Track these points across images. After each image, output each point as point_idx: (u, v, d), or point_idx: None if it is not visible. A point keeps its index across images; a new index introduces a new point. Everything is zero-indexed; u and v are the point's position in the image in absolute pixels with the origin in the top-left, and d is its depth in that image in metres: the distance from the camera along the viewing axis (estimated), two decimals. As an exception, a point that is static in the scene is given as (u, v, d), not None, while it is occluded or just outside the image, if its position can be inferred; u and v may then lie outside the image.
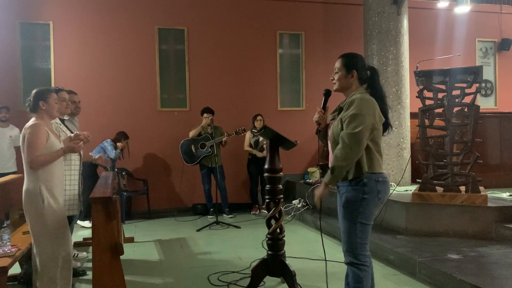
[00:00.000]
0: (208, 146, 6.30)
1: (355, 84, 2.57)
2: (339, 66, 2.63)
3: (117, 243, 2.89)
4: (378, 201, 2.45)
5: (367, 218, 2.43)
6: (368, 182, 2.39)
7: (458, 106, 4.64)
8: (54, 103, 2.99)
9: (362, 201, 2.40)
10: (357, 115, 2.33)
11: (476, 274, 3.24)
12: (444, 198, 4.50)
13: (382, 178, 2.45)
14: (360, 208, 2.40)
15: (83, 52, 6.74)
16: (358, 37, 7.45)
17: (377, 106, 2.43)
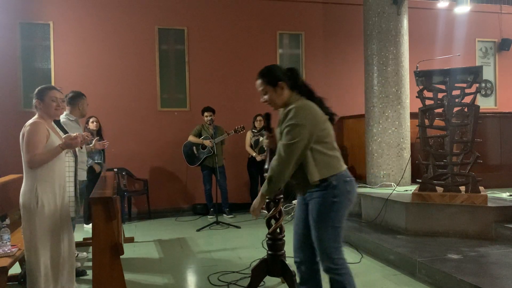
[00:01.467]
0: (209, 147, 6.30)
1: (287, 93, 2.45)
2: (263, 87, 2.49)
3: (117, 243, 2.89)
4: (348, 203, 2.42)
5: (340, 221, 2.39)
6: (338, 184, 2.35)
7: (458, 106, 4.64)
8: (50, 101, 2.92)
9: (332, 204, 2.35)
10: (293, 126, 2.28)
11: (476, 274, 3.24)
12: (444, 198, 4.50)
13: (349, 178, 2.41)
14: (331, 213, 2.35)
15: (83, 52, 6.74)
16: (358, 37, 7.46)
17: (314, 109, 2.37)
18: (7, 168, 5.77)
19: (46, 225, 2.79)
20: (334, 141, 2.43)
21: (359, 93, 7.38)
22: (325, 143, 2.36)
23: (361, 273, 3.83)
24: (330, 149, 2.39)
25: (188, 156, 6.47)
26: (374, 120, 6.12)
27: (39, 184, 2.77)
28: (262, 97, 2.51)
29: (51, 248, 2.82)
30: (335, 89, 7.92)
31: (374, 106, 6.13)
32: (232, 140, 6.93)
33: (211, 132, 6.35)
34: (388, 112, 6.02)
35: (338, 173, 2.37)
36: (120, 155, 6.70)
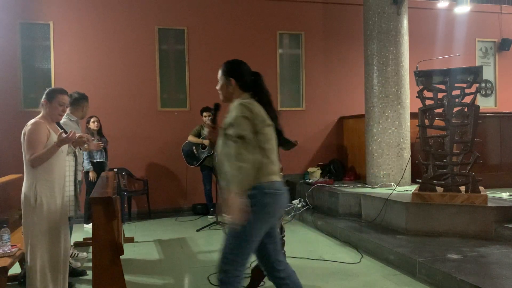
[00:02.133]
0: (209, 147, 6.29)
1: (236, 92, 2.41)
2: (219, 75, 2.47)
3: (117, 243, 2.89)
4: (266, 216, 2.23)
5: (249, 234, 2.20)
6: (255, 194, 2.19)
7: (458, 106, 4.64)
8: (58, 105, 2.95)
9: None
10: (236, 118, 2.23)
11: (476, 274, 3.24)
12: (444, 198, 4.50)
13: (273, 190, 2.24)
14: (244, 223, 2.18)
15: (83, 52, 6.74)
16: (358, 37, 7.46)
17: (259, 110, 2.29)
18: (7, 168, 5.77)
19: (44, 224, 2.82)
20: (273, 152, 2.33)
21: (359, 93, 7.38)
22: (263, 149, 2.26)
23: (361, 273, 3.83)
24: (265, 156, 2.26)
25: (188, 156, 6.47)
26: (374, 120, 6.12)
27: (38, 183, 2.81)
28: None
29: (49, 246, 2.85)
30: (335, 89, 7.93)
31: (374, 106, 6.13)
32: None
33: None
34: (388, 112, 6.02)
35: (262, 183, 2.22)
36: (120, 155, 6.70)
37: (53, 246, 2.86)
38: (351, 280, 3.67)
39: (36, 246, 2.80)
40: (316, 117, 7.82)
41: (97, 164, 5.85)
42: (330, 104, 7.88)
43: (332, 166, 7.30)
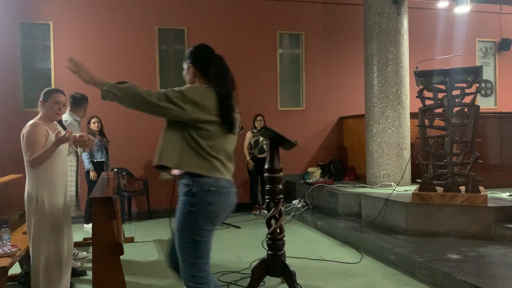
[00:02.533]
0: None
1: (198, 79, 2.37)
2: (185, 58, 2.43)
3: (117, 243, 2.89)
4: (209, 215, 2.10)
5: (200, 234, 2.09)
6: (198, 192, 2.08)
7: (458, 106, 4.64)
8: (53, 104, 2.98)
9: (189, 214, 2.08)
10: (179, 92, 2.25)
11: (476, 274, 3.24)
12: (444, 198, 4.50)
13: (217, 188, 2.10)
14: (188, 223, 2.09)
15: (83, 52, 6.74)
16: (358, 37, 7.46)
17: (209, 98, 2.20)
18: (7, 168, 5.78)
19: (47, 223, 2.83)
20: (221, 151, 2.17)
21: (359, 93, 7.38)
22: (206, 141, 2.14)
23: (361, 273, 3.83)
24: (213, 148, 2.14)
25: None
26: (374, 120, 6.12)
27: (39, 183, 2.83)
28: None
29: (53, 246, 2.87)
30: (335, 89, 7.93)
31: (374, 106, 6.13)
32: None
33: None
34: (388, 112, 6.02)
35: (204, 176, 2.09)
36: (120, 155, 6.70)
37: (56, 245, 2.88)
38: (351, 280, 3.67)
39: (39, 246, 2.82)
40: (316, 117, 7.82)
41: (97, 164, 5.85)
42: (330, 104, 7.88)
43: (332, 166, 7.30)
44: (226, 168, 2.18)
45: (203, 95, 2.21)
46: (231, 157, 2.24)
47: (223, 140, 2.19)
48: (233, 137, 2.26)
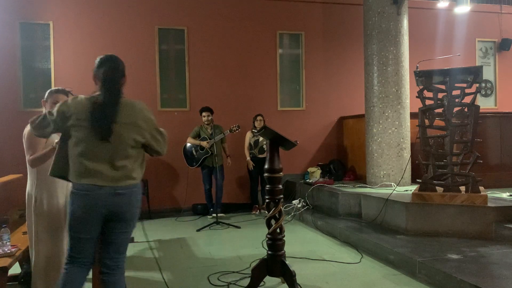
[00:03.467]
0: (207, 148, 6.30)
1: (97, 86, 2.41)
2: None
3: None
4: (70, 214, 2.31)
5: (70, 229, 2.34)
6: (69, 194, 2.36)
7: (458, 106, 4.64)
8: (52, 103, 2.96)
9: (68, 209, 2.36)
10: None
11: (476, 274, 3.24)
12: (444, 198, 4.50)
13: (75, 190, 2.30)
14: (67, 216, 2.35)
15: (83, 52, 6.74)
16: (358, 37, 7.47)
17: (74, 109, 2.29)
18: (7, 168, 5.77)
19: (46, 223, 2.83)
20: (86, 155, 2.29)
21: (359, 93, 7.38)
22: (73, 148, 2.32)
23: (361, 273, 3.83)
24: (79, 155, 2.30)
25: (187, 158, 6.48)
26: (374, 120, 6.12)
27: (38, 183, 2.84)
28: None
29: (52, 246, 2.86)
30: (335, 89, 7.93)
31: (374, 106, 6.13)
32: (231, 140, 6.93)
33: (209, 132, 6.36)
34: (388, 112, 6.02)
35: (73, 182, 2.33)
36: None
37: (55, 245, 2.88)
38: (351, 280, 3.67)
39: (39, 245, 2.82)
40: (316, 117, 7.82)
41: None
42: (330, 104, 7.89)
43: (332, 166, 7.30)
44: (88, 172, 2.29)
45: (70, 106, 2.32)
46: (110, 162, 2.32)
47: (95, 146, 2.29)
48: (101, 145, 2.30)
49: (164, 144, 2.50)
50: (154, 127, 2.45)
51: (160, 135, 2.48)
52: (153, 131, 2.44)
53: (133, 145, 2.37)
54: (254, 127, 6.74)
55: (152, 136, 2.44)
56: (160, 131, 2.48)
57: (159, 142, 2.48)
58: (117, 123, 2.30)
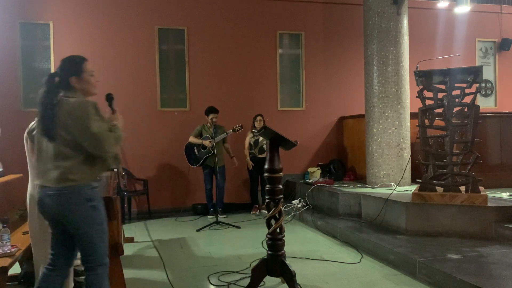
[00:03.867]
0: (210, 147, 6.28)
1: None
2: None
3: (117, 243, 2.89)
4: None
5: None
6: None
7: (458, 106, 4.64)
8: None
9: None
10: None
11: (476, 274, 3.24)
12: (444, 198, 4.50)
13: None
14: None
15: (83, 52, 6.64)
16: (358, 37, 7.46)
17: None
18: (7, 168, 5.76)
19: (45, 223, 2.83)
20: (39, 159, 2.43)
21: (359, 93, 7.38)
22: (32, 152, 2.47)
23: (361, 273, 3.83)
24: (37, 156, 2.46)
25: (189, 157, 6.48)
26: (374, 120, 6.12)
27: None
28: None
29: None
30: (335, 89, 7.93)
31: (374, 106, 6.13)
32: (232, 140, 6.93)
33: (211, 132, 6.35)
34: (388, 112, 6.02)
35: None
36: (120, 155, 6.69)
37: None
38: (351, 280, 3.67)
39: (40, 246, 2.83)
40: (316, 117, 7.82)
41: None
42: (330, 104, 7.89)
43: (332, 166, 7.30)
44: (39, 175, 2.41)
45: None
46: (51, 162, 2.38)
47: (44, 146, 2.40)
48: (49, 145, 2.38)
49: (99, 146, 2.35)
50: (85, 126, 2.32)
51: (92, 135, 2.32)
52: (83, 131, 2.32)
53: (67, 144, 2.34)
54: (253, 127, 6.74)
55: (82, 136, 2.33)
56: (93, 132, 2.32)
57: (91, 144, 2.34)
58: (58, 123, 2.35)
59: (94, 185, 2.44)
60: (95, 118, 2.37)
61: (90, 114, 2.35)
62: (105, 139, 2.37)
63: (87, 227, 2.41)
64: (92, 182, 2.43)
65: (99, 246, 2.47)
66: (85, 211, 2.40)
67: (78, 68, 2.53)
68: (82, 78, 2.50)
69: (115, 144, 2.44)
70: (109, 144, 2.39)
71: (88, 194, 2.40)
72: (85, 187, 2.38)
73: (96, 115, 2.39)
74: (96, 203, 2.45)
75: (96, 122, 2.36)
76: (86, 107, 2.37)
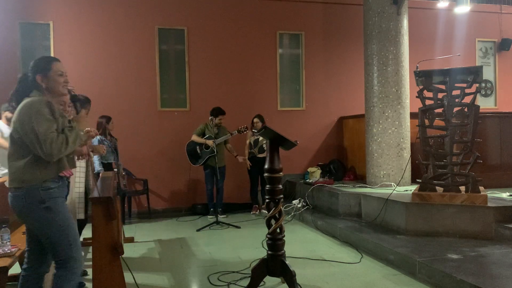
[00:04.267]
0: (213, 147, 6.27)
1: None
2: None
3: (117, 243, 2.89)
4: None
5: None
6: None
7: (458, 106, 4.64)
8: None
9: None
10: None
11: (476, 274, 3.24)
12: (444, 198, 4.50)
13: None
14: None
15: (83, 52, 6.74)
16: (358, 37, 7.46)
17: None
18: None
19: None
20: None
21: (359, 93, 7.38)
22: None
23: (361, 273, 3.83)
24: None
25: (191, 156, 6.47)
26: (374, 120, 6.12)
27: None
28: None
29: None
30: (335, 89, 7.93)
31: (374, 106, 6.13)
32: (232, 140, 6.92)
33: (215, 131, 6.34)
34: (388, 112, 6.02)
35: None
36: (120, 155, 6.68)
37: None
38: (351, 280, 3.67)
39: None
40: (316, 117, 7.82)
41: (107, 165, 5.85)
42: (330, 104, 7.89)
43: (332, 166, 7.30)
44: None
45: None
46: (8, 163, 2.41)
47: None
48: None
49: (41, 148, 2.25)
50: (30, 126, 2.25)
51: (33, 134, 2.25)
52: (29, 131, 2.26)
53: (18, 144, 2.32)
54: (253, 127, 6.75)
55: (27, 136, 2.27)
56: (36, 132, 2.24)
57: (33, 143, 2.26)
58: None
59: (49, 186, 2.36)
60: (47, 118, 2.29)
61: (37, 114, 2.27)
62: (49, 140, 2.25)
63: (44, 228, 2.36)
64: (47, 183, 2.35)
65: (61, 245, 2.39)
66: (38, 213, 2.33)
67: (45, 66, 2.52)
68: (49, 76, 2.49)
69: (65, 147, 2.33)
70: (55, 147, 2.27)
71: (41, 195, 2.32)
72: (37, 189, 2.32)
73: (49, 114, 2.31)
74: (50, 204, 2.35)
75: (45, 122, 2.27)
76: (34, 106, 2.29)
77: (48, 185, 2.35)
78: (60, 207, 2.41)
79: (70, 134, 2.38)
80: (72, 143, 2.38)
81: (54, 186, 2.38)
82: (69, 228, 2.43)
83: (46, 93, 2.45)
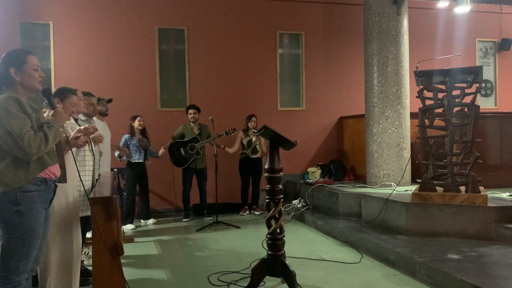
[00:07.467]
0: (198, 148, 6.22)
1: None
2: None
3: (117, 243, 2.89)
4: None
5: None
6: None
7: (458, 106, 4.64)
8: (69, 105, 3.02)
9: None
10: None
11: (476, 274, 3.24)
12: (444, 198, 4.50)
13: None
14: None
15: (83, 52, 6.74)
16: (358, 37, 7.46)
17: None
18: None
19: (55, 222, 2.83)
20: None
21: (359, 93, 7.38)
22: None
23: (361, 273, 3.83)
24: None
25: (175, 157, 6.30)
26: (374, 120, 6.12)
27: None
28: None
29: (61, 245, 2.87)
30: (335, 89, 7.93)
31: (374, 106, 6.13)
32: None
33: (196, 132, 6.30)
34: (388, 112, 6.02)
35: None
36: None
37: (64, 245, 2.89)
38: (351, 280, 3.67)
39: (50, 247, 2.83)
40: (316, 117, 7.82)
41: (135, 165, 5.85)
42: (330, 104, 7.88)
43: (332, 166, 7.30)
44: None
45: None
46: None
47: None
48: None
49: (18, 147, 2.14)
50: (3, 125, 2.14)
51: (7, 135, 2.14)
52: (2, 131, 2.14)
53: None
54: (247, 128, 6.71)
55: (1, 137, 2.16)
56: (10, 131, 2.13)
57: (8, 144, 2.15)
58: None
59: (28, 188, 2.23)
60: (18, 115, 2.16)
61: (6, 113, 2.13)
62: (26, 139, 2.14)
63: (6, 232, 2.20)
64: (27, 185, 2.22)
65: (13, 259, 2.20)
66: (6, 215, 2.19)
67: (19, 59, 2.28)
68: (22, 70, 2.28)
69: (45, 145, 2.21)
70: (34, 145, 2.16)
71: (17, 197, 2.19)
72: (16, 190, 2.19)
73: (19, 111, 2.18)
74: (23, 209, 2.20)
75: (17, 120, 2.14)
76: (4, 104, 2.15)
77: (27, 187, 2.22)
78: (33, 215, 2.24)
79: (49, 131, 2.25)
80: (52, 141, 2.26)
81: (33, 190, 2.24)
82: (30, 240, 2.24)
83: (19, 89, 2.29)
